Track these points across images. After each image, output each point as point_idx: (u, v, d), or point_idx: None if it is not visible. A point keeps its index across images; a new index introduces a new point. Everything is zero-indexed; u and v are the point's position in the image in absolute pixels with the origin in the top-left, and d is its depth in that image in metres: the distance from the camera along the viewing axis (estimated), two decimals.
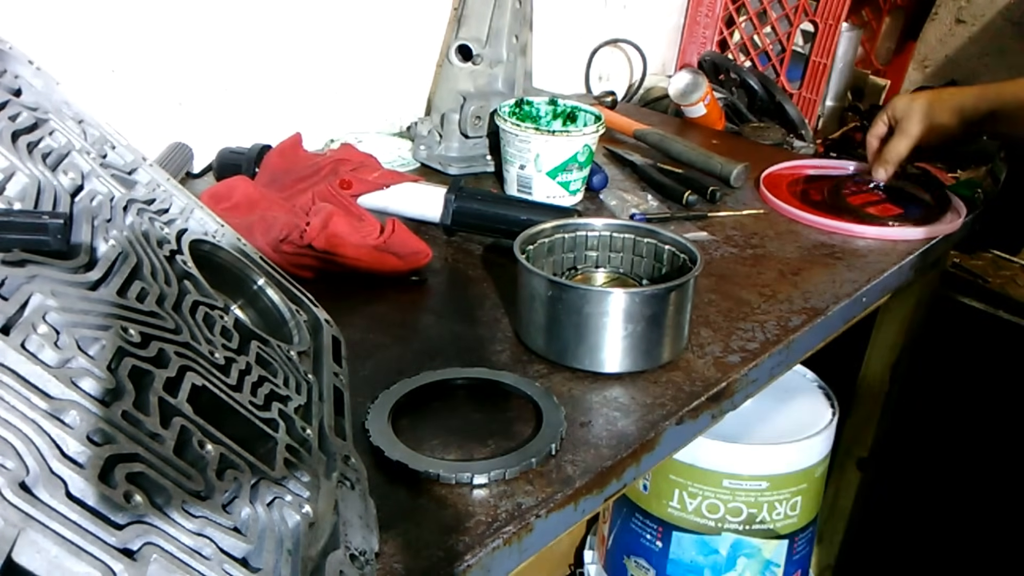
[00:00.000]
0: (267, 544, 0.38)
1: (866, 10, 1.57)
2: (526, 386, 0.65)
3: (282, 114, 1.09)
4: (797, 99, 1.43)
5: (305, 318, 0.62)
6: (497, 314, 0.78)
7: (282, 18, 1.06)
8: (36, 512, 0.29)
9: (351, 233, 0.79)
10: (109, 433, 0.34)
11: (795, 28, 1.44)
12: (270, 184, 0.91)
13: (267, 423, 0.45)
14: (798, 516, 1.10)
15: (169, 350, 0.41)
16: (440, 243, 0.90)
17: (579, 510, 0.58)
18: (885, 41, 1.67)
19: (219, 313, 0.49)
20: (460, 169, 1.10)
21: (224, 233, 0.61)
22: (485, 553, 0.51)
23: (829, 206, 1.04)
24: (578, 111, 1.06)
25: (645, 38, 1.52)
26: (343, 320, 0.67)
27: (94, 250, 0.44)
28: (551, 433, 0.60)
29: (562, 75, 1.45)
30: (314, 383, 0.54)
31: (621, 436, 0.62)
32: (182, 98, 1.01)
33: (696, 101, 1.35)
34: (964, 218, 1.03)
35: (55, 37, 0.88)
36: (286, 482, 0.43)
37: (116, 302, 0.41)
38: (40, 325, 0.35)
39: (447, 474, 0.55)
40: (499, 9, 1.08)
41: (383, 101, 1.22)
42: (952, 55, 1.72)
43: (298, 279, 0.66)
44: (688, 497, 1.07)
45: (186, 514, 0.35)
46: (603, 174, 1.08)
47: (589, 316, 0.67)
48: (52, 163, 0.47)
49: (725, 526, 1.08)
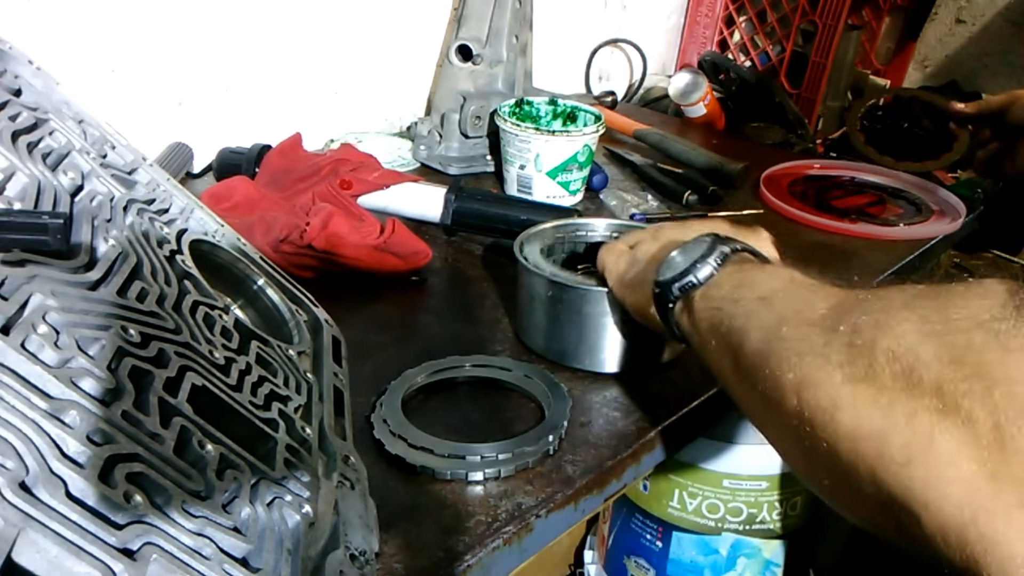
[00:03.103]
0: (267, 544, 0.38)
1: (866, 10, 1.57)
2: (538, 375, 0.66)
3: (282, 114, 1.09)
4: (797, 99, 1.43)
5: (305, 318, 0.62)
6: (497, 314, 0.78)
7: (282, 19, 1.06)
8: (36, 512, 0.29)
9: (351, 233, 0.79)
10: (109, 433, 0.34)
11: (795, 28, 1.44)
12: (270, 184, 0.91)
13: (267, 423, 0.45)
14: (798, 516, 1.10)
15: (169, 350, 0.41)
16: (440, 243, 0.90)
17: (579, 510, 0.58)
18: (885, 41, 1.67)
19: (219, 313, 0.49)
20: (460, 169, 1.10)
21: (224, 233, 0.61)
22: (485, 553, 0.51)
23: (829, 206, 1.04)
24: (578, 111, 1.06)
25: (645, 38, 1.52)
26: (343, 320, 0.67)
27: (94, 250, 0.44)
28: (556, 420, 0.60)
29: (562, 75, 1.45)
30: (314, 383, 0.54)
31: (621, 436, 0.62)
32: (182, 98, 1.01)
33: (696, 101, 1.35)
34: (964, 218, 1.03)
35: (55, 37, 0.88)
36: (286, 482, 0.43)
37: (116, 302, 0.41)
38: (40, 325, 0.35)
39: (442, 469, 0.56)
40: (499, 9, 1.08)
41: (383, 101, 1.22)
42: (952, 55, 1.72)
43: (298, 279, 0.66)
44: (688, 497, 1.07)
45: (186, 514, 0.35)
46: (603, 174, 1.08)
47: (589, 316, 0.67)
48: (52, 163, 0.47)
49: (725, 526, 1.08)
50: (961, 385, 0.33)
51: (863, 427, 0.37)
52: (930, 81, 1.74)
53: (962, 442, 0.33)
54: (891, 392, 0.36)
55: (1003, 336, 0.33)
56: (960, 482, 0.33)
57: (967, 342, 0.34)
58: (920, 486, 0.34)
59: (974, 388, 0.33)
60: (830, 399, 0.39)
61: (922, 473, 0.34)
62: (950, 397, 0.34)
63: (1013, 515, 0.31)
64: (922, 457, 0.34)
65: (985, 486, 0.32)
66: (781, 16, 1.45)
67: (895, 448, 0.35)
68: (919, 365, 0.35)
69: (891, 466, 0.35)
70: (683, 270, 0.54)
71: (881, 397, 0.36)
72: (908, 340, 0.36)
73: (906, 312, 0.38)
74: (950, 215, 1.04)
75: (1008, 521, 0.31)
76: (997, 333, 0.33)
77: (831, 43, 1.38)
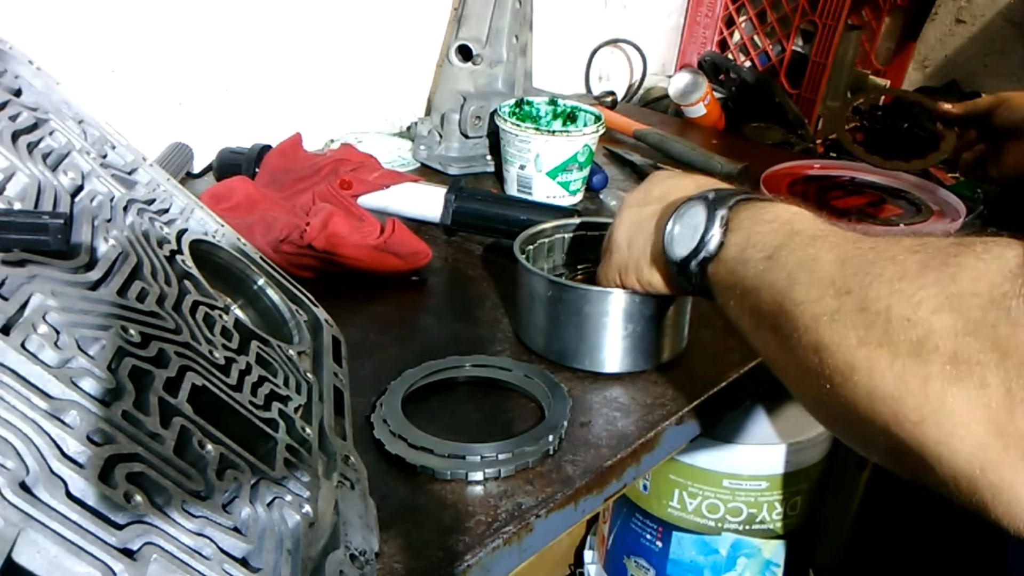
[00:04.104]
0: (267, 544, 0.38)
1: (866, 10, 1.57)
2: (538, 376, 0.66)
3: (282, 114, 1.09)
4: (797, 99, 1.42)
5: (305, 318, 0.62)
6: (497, 314, 0.78)
7: (282, 18, 1.06)
8: (36, 512, 0.29)
9: (351, 233, 0.79)
10: (109, 433, 0.34)
11: (795, 28, 1.44)
12: (270, 184, 0.91)
13: (267, 423, 0.45)
14: (798, 516, 1.10)
15: (169, 350, 0.41)
16: (440, 243, 0.90)
17: (579, 510, 0.58)
18: (885, 41, 1.67)
19: (219, 313, 0.49)
20: (460, 169, 1.10)
21: (224, 233, 0.61)
22: (485, 553, 0.51)
23: (829, 206, 1.04)
24: (578, 111, 1.06)
25: (645, 38, 1.52)
26: (343, 320, 0.67)
27: (94, 250, 0.44)
28: (556, 419, 0.60)
29: (562, 75, 1.45)
30: (314, 383, 0.54)
31: (621, 436, 0.62)
32: (182, 98, 1.01)
33: (696, 101, 1.35)
34: (964, 218, 1.03)
35: (55, 37, 0.88)
36: (286, 482, 0.43)
37: (116, 302, 0.41)
38: (40, 325, 0.35)
39: (442, 469, 0.56)
40: (499, 9, 1.08)
41: (383, 101, 1.22)
42: (952, 55, 1.72)
43: (298, 279, 0.66)
44: (688, 497, 1.07)
45: (186, 514, 0.35)
46: (603, 174, 1.08)
47: (589, 316, 0.67)
48: (52, 163, 0.47)
49: (725, 526, 1.08)
50: (976, 355, 0.36)
51: (879, 389, 0.40)
52: (930, 81, 1.74)
53: (973, 404, 0.36)
54: (905, 358, 0.38)
55: (1014, 311, 0.36)
56: (971, 439, 0.36)
57: (982, 316, 0.37)
58: (932, 443, 0.37)
59: (988, 358, 0.36)
60: (847, 363, 0.41)
61: (934, 432, 0.37)
62: (964, 366, 0.36)
63: (1018, 467, 0.35)
64: (934, 416, 0.37)
65: (993, 443, 0.35)
66: (781, 16, 1.45)
67: (909, 409, 0.38)
68: (934, 335, 0.38)
69: (905, 424, 0.38)
70: (695, 246, 0.55)
71: (896, 362, 0.39)
72: (924, 309, 0.39)
73: (921, 280, 0.40)
74: (950, 215, 1.04)
75: (1015, 471, 0.35)
76: (1009, 310, 0.36)
77: (831, 43, 1.38)
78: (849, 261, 0.44)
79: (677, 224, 0.57)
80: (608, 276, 0.66)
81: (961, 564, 1.25)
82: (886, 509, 1.34)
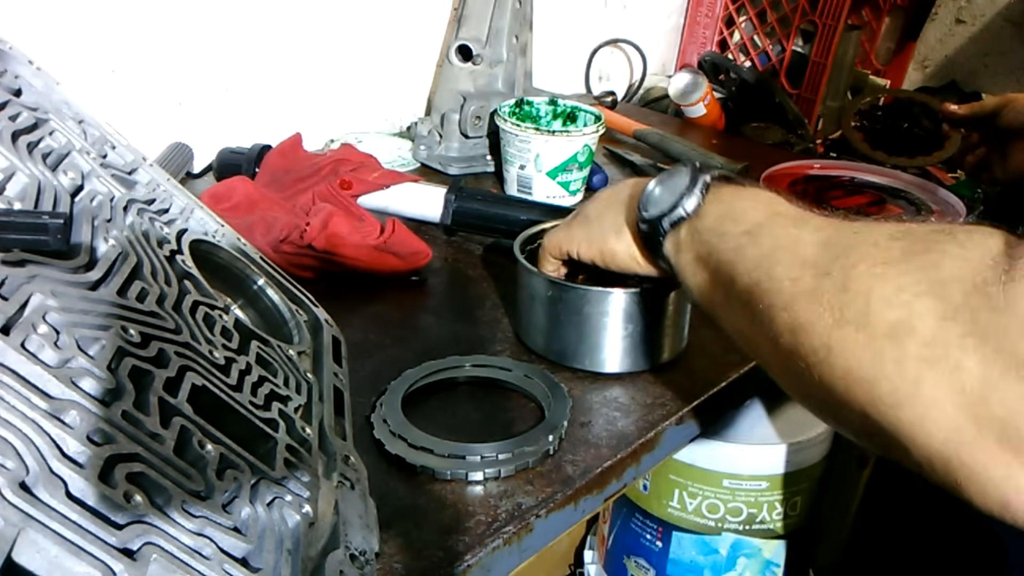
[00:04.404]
0: (267, 544, 0.38)
1: (866, 10, 1.57)
2: (538, 376, 0.66)
3: (282, 114, 1.09)
4: (797, 99, 1.42)
5: (305, 318, 0.62)
6: (497, 314, 0.78)
7: (282, 18, 1.06)
8: (36, 512, 0.29)
9: (351, 233, 0.79)
10: (109, 433, 0.34)
11: (795, 28, 1.44)
12: (270, 184, 0.91)
13: (267, 423, 0.45)
14: (798, 516, 1.10)
15: (169, 350, 0.41)
16: (440, 243, 0.90)
17: (579, 510, 0.58)
18: (885, 41, 1.67)
19: (219, 313, 0.49)
20: (460, 169, 1.10)
21: (224, 233, 0.61)
22: (485, 553, 0.51)
23: (829, 206, 1.04)
24: (578, 111, 1.06)
25: (645, 38, 1.52)
26: (343, 320, 0.67)
27: (94, 250, 0.44)
28: (556, 419, 0.60)
29: (562, 75, 1.45)
30: (314, 383, 0.54)
31: (621, 436, 0.62)
32: (182, 98, 1.01)
33: (696, 101, 1.35)
34: (964, 218, 1.03)
35: (55, 37, 0.88)
36: (286, 482, 0.43)
37: (116, 302, 0.41)
38: (40, 325, 0.35)
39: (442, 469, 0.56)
40: (499, 9, 1.08)
41: (383, 101, 1.22)
42: (952, 55, 1.72)
43: (298, 279, 0.66)
44: (688, 497, 1.07)
45: (186, 514, 0.35)
46: (603, 174, 1.08)
47: (589, 316, 0.67)
48: (52, 163, 0.47)
49: (725, 526, 1.08)
50: (955, 340, 0.36)
51: (854, 372, 0.39)
52: (930, 81, 1.74)
53: (949, 387, 0.36)
54: (883, 340, 0.38)
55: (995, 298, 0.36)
56: (945, 421, 0.36)
57: (963, 301, 0.37)
58: (907, 426, 0.37)
59: (967, 343, 0.36)
60: (823, 343, 0.41)
61: (909, 415, 0.37)
62: (941, 349, 0.36)
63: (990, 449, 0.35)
64: (909, 400, 0.37)
65: (968, 426, 0.35)
66: (781, 16, 1.45)
67: (885, 392, 0.38)
68: (914, 318, 0.38)
69: (880, 407, 0.38)
70: (671, 204, 0.55)
71: (873, 344, 0.39)
72: (906, 293, 0.38)
73: (904, 265, 0.39)
74: (950, 215, 1.04)
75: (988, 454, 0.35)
76: (990, 296, 0.36)
77: (831, 43, 1.38)
78: (832, 244, 0.44)
79: (659, 186, 0.57)
80: (554, 240, 0.66)
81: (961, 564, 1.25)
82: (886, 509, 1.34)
